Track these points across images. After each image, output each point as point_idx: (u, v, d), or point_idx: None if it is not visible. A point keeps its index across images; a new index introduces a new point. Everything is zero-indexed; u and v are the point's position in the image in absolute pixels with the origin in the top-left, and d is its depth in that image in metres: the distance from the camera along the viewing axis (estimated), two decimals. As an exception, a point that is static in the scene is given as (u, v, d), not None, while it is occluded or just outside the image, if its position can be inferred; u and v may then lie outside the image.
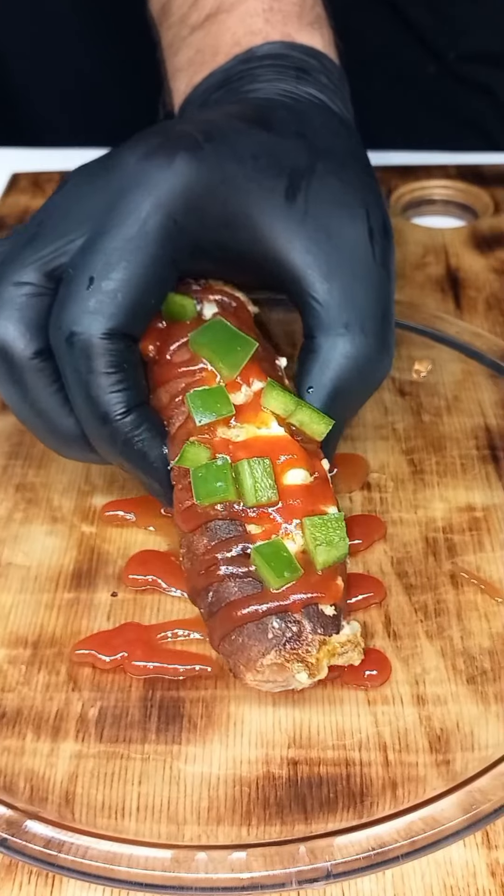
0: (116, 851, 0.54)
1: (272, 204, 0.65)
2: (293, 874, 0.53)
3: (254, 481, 0.60)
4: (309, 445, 0.63)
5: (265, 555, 0.58)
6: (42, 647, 0.64)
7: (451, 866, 0.54)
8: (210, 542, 0.60)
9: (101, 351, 0.61)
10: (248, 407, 0.63)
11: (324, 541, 0.59)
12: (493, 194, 0.99)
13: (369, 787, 0.57)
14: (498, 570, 0.67)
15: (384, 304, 0.66)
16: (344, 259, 0.65)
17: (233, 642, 0.58)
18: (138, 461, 0.64)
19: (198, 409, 0.62)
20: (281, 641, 0.57)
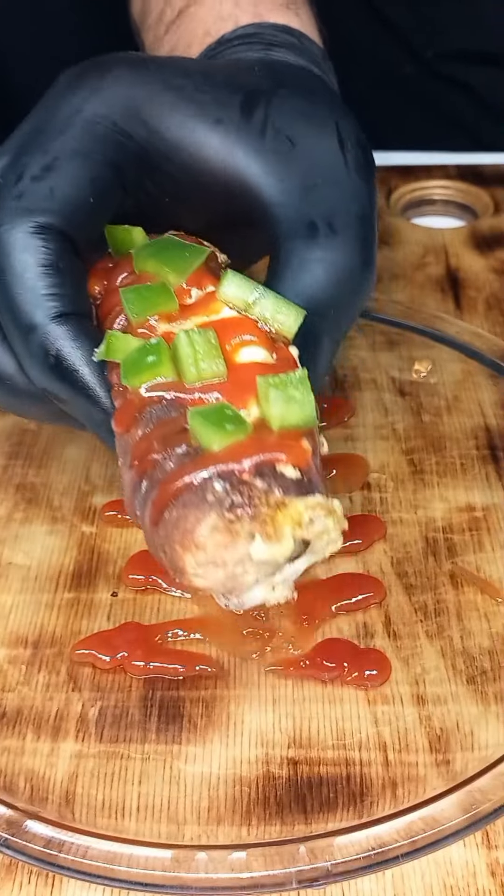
0: (116, 851, 0.54)
1: (226, 116, 0.58)
2: (293, 874, 0.53)
3: (193, 350, 0.50)
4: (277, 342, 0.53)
5: (204, 413, 0.48)
6: (42, 647, 0.64)
7: (451, 866, 0.54)
8: (144, 432, 0.51)
9: (29, 247, 0.54)
10: (196, 303, 0.54)
11: (280, 395, 0.48)
12: (493, 194, 0.99)
13: (369, 787, 0.57)
14: (498, 570, 0.67)
15: (360, 206, 0.57)
16: (308, 164, 0.57)
17: (167, 522, 0.48)
18: (76, 380, 0.54)
19: (131, 303, 0.53)
20: (223, 505, 0.47)
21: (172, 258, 0.55)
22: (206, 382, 0.50)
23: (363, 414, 0.78)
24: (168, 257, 0.55)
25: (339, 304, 0.56)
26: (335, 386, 0.80)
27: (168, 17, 0.79)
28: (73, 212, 0.55)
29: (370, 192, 0.58)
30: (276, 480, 0.47)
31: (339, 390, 0.80)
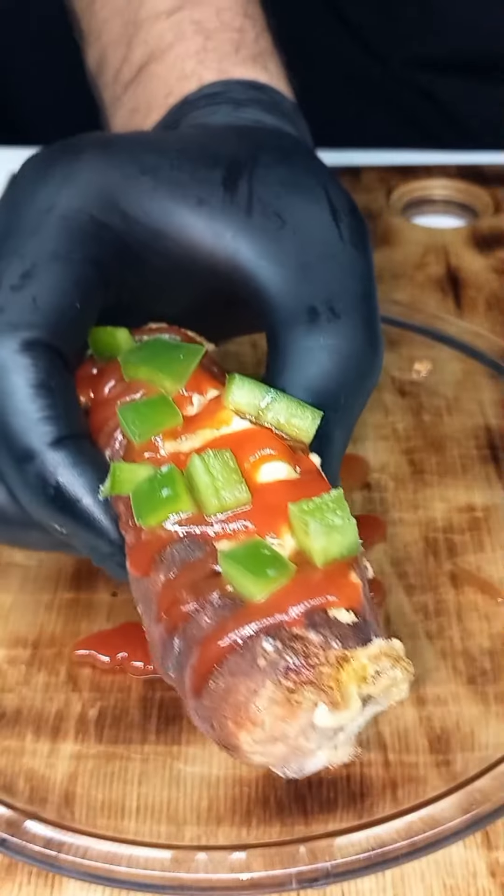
0: (116, 851, 0.54)
1: (209, 194, 0.54)
2: (293, 874, 0.53)
3: (211, 479, 0.45)
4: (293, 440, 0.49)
5: (239, 558, 0.43)
6: (42, 647, 0.64)
7: (451, 866, 0.54)
8: (167, 577, 0.45)
9: (16, 366, 0.49)
10: (202, 414, 0.49)
11: (321, 525, 0.43)
12: (493, 194, 0.99)
13: (369, 787, 0.57)
14: (498, 570, 0.67)
15: (361, 284, 0.54)
16: (302, 241, 0.53)
17: (214, 692, 0.42)
18: (78, 512, 0.50)
19: (131, 424, 0.49)
20: (278, 670, 0.41)
21: (166, 363, 0.51)
22: (229, 512, 0.45)
23: (363, 414, 0.78)
24: (161, 362, 0.51)
25: (349, 392, 0.53)
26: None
27: (126, 77, 0.72)
28: (59, 322, 0.51)
29: (368, 265, 0.55)
30: (331, 630, 0.42)
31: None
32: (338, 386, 0.52)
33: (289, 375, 0.52)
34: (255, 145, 0.57)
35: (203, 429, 0.48)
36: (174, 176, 0.54)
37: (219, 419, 0.48)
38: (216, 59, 0.68)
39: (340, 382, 0.52)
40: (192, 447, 0.48)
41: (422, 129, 1.09)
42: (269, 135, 0.60)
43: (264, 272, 0.53)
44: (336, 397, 0.52)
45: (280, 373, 0.52)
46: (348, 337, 0.52)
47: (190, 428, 0.48)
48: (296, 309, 0.52)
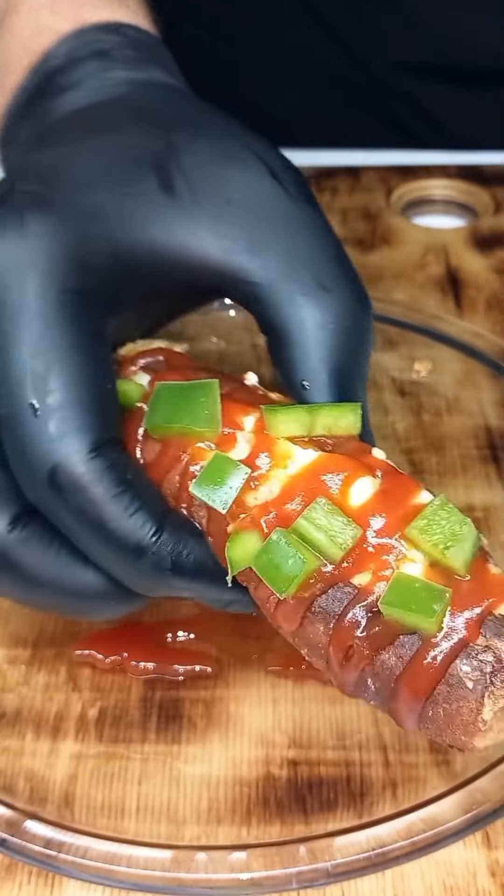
0: (116, 851, 0.54)
1: (156, 209, 0.54)
2: (293, 874, 0.53)
3: (324, 532, 0.47)
4: (348, 445, 0.51)
5: (398, 602, 0.46)
6: (42, 647, 0.64)
7: (451, 866, 0.54)
8: (328, 627, 0.48)
9: (96, 475, 0.50)
10: (259, 449, 0.51)
11: (448, 538, 0.47)
12: (493, 194, 0.99)
13: (369, 787, 0.57)
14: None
15: (327, 243, 0.55)
16: (259, 219, 0.54)
17: (434, 719, 0.47)
18: (197, 577, 0.52)
19: (211, 498, 0.50)
20: (486, 683, 0.46)
21: (191, 413, 0.52)
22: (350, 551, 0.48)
23: (363, 414, 0.78)
24: (187, 415, 0.52)
25: (356, 349, 0.55)
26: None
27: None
28: (104, 412, 0.51)
29: (322, 215, 0.56)
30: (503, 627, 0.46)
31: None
32: (351, 355, 0.54)
33: (306, 364, 0.53)
34: (164, 128, 0.56)
35: (273, 470, 0.50)
36: (116, 208, 0.54)
37: (280, 455, 0.50)
38: (71, 6, 0.65)
39: (352, 350, 0.54)
40: (273, 493, 0.50)
41: (407, 133, 1.09)
42: (165, 108, 0.59)
43: (240, 265, 0.54)
44: (353, 366, 0.54)
45: (296, 363, 0.53)
46: (344, 306, 0.54)
47: (262, 478, 0.50)
48: (289, 295, 0.53)
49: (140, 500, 0.50)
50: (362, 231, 0.95)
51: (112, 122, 0.58)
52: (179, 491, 0.52)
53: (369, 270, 0.91)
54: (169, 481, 0.52)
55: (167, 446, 0.53)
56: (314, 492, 0.49)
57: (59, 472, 0.49)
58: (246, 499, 0.50)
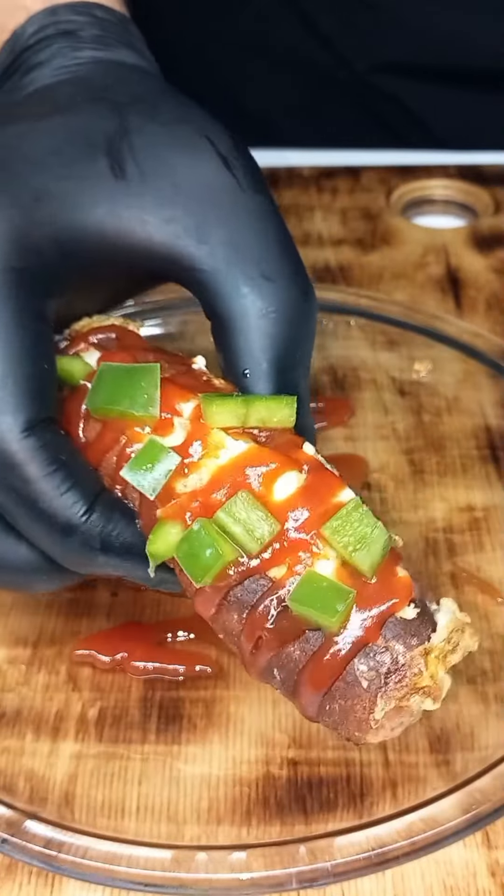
0: (116, 851, 0.54)
1: (104, 191, 0.54)
2: (293, 874, 0.53)
3: (242, 526, 0.49)
4: (281, 438, 0.53)
5: (305, 600, 0.48)
6: (42, 647, 0.64)
7: (451, 866, 0.54)
8: (241, 616, 0.49)
9: (28, 453, 0.51)
10: (193, 437, 0.52)
11: (357, 540, 0.48)
12: (493, 194, 0.99)
13: (369, 787, 0.57)
14: (498, 570, 0.67)
15: (274, 233, 0.56)
16: (207, 206, 0.55)
17: (331, 713, 0.49)
18: (126, 557, 0.53)
19: (141, 483, 0.51)
20: (380, 683, 0.47)
21: (131, 397, 0.53)
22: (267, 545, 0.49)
23: (363, 414, 0.78)
24: (126, 398, 0.53)
25: (298, 339, 0.56)
26: (335, 386, 0.80)
27: None
28: (40, 392, 0.52)
29: (273, 205, 0.57)
30: (405, 630, 0.47)
31: (338, 390, 0.80)
32: (292, 345, 0.55)
33: (247, 353, 0.54)
34: (118, 109, 0.57)
35: (204, 459, 0.51)
36: (64, 190, 0.54)
37: (213, 445, 0.51)
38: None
39: (293, 340, 0.55)
40: (202, 481, 0.51)
41: (392, 133, 1.09)
42: (124, 89, 0.59)
43: (187, 251, 0.54)
44: (294, 355, 0.55)
45: (238, 351, 0.54)
46: (287, 296, 0.55)
47: (193, 466, 0.51)
48: (233, 284, 0.54)
49: (72, 480, 0.51)
50: (362, 231, 0.95)
51: (69, 102, 0.58)
52: (115, 472, 0.53)
53: (369, 270, 0.91)
54: (107, 462, 0.53)
55: (106, 427, 0.54)
56: (239, 484, 0.50)
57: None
58: (175, 486, 0.51)
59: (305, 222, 0.96)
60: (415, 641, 0.48)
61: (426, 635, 0.48)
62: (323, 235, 0.95)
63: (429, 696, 0.49)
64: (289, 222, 0.56)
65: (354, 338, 0.84)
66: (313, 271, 0.91)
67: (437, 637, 0.48)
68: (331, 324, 0.84)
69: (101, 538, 0.52)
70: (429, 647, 0.48)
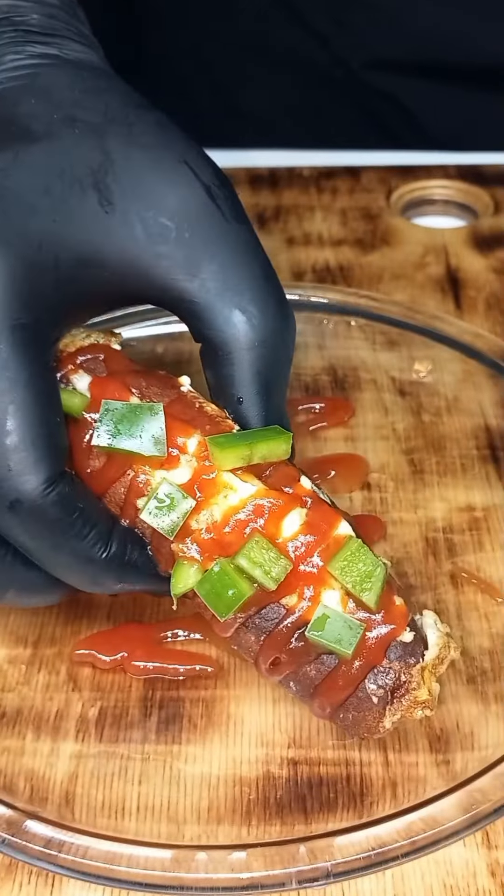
0: (116, 851, 0.54)
1: (98, 229, 0.56)
2: (293, 874, 0.53)
3: (261, 568, 0.54)
4: (280, 473, 0.57)
5: (322, 634, 0.54)
6: (42, 647, 0.64)
7: (451, 866, 0.54)
8: (258, 638, 0.55)
9: (52, 507, 0.53)
10: (201, 475, 0.56)
11: (361, 579, 0.54)
12: (493, 194, 0.99)
13: (369, 787, 0.57)
14: (498, 570, 0.67)
15: (261, 264, 0.58)
16: (196, 239, 0.56)
17: (344, 720, 0.56)
18: (141, 579, 0.57)
19: (160, 525, 0.55)
20: (387, 699, 0.55)
21: (139, 438, 0.56)
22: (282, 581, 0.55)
23: (363, 414, 0.78)
24: (133, 438, 0.56)
25: (282, 364, 0.59)
26: (335, 386, 0.80)
27: None
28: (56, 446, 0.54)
29: (254, 234, 0.58)
30: (405, 651, 0.55)
31: (339, 390, 0.80)
32: (276, 370, 0.58)
33: (240, 380, 0.57)
34: (96, 135, 0.57)
35: (213, 497, 0.55)
36: (60, 230, 0.55)
37: (222, 485, 0.55)
38: None
39: (278, 365, 0.58)
40: (213, 518, 0.55)
41: (386, 130, 1.10)
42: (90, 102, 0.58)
43: (179, 284, 0.56)
44: (279, 380, 0.59)
45: (232, 379, 0.57)
46: (274, 326, 0.57)
47: (204, 505, 0.55)
48: (225, 315, 0.57)
49: (91, 524, 0.55)
50: (362, 231, 0.95)
51: (45, 129, 0.57)
52: (125, 504, 0.57)
53: (369, 270, 0.91)
54: (114, 492, 0.57)
55: (112, 460, 0.57)
56: (251, 524, 0.55)
57: (18, 504, 0.53)
58: (189, 522, 0.55)
59: (305, 222, 0.96)
60: (413, 661, 0.55)
61: (420, 653, 0.55)
62: (323, 235, 0.95)
63: (426, 707, 0.55)
64: (289, 222, 0.56)
65: (354, 338, 0.84)
66: (313, 271, 0.91)
67: (430, 655, 0.55)
68: (331, 324, 0.84)
69: (118, 567, 0.56)
70: (424, 664, 0.55)
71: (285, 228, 0.95)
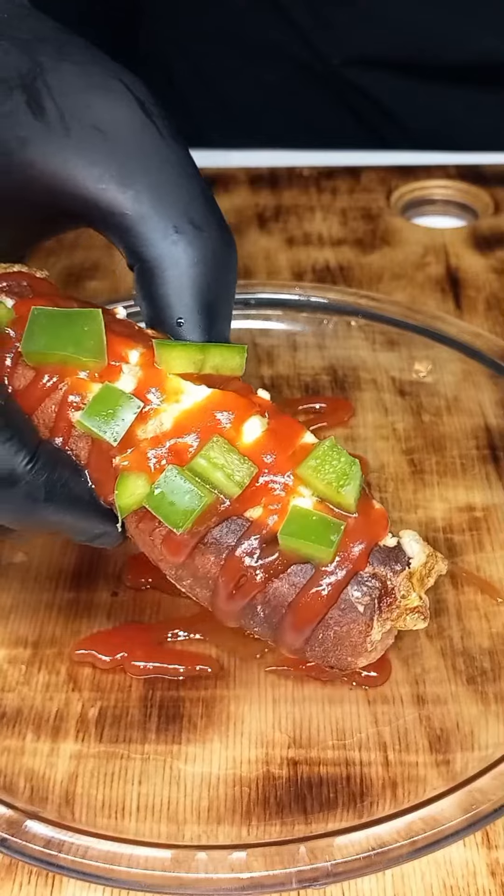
0: (116, 851, 0.54)
1: (25, 130, 0.53)
2: (293, 874, 0.53)
3: (223, 471, 0.49)
4: (233, 385, 0.53)
5: (297, 533, 0.49)
6: (42, 647, 0.64)
7: (451, 866, 0.54)
8: (219, 556, 0.50)
9: None
10: (147, 383, 0.51)
11: (338, 476, 0.49)
12: (493, 194, 0.99)
13: (369, 787, 0.57)
14: (498, 570, 0.67)
15: (197, 182, 0.55)
16: (132, 152, 0.54)
17: (323, 641, 0.51)
18: (70, 509, 0.52)
19: (102, 429, 0.50)
20: (374, 607, 0.49)
21: (76, 341, 0.51)
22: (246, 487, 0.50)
23: (363, 414, 0.78)
24: (70, 342, 0.51)
25: (224, 287, 0.56)
26: (335, 386, 0.80)
27: None
28: None
29: (188, 153, 0.56)
30: (389, 557, 0.50)
31: (339, 390, 0.80)
32: (219, 293, 0.55)
33: (181, 302, 0.54)
34: (24, 46, 0.55)
35: (164, 404, 0.50)
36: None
37: (172, 390, 0.50)
38: None
39: (221, 288, 0.55)
40: (164, 427, 0.50)
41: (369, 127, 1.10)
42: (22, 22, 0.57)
43: (112, 195, 0.53)
44: (222, 304, 0.55)
45: (170, 299, 0.54)
46: (215, 246, 0.54)
47: (153, 412, 0.50)
48: (162, 231, 0.53)
49: (12, 429, 0.50)
50: (362, 231, 0.95)
51: None
52: (56, 421, 0.51)
53: (369, 270, 0.91)
54: (43, 411, 0.52)
55: (41, 374, 0.52)
56: (208, 429, 0.50)
57: None
58: (136, 432, 0.50)
59: (305, 222, 0.96)
60: (399, 567, 0.50)
61: (406, 560, 0.51)
62: (323, 235, 0.95)
63: (417, 614, 0.51)
64: (289, 222, 0.56)
65: (354, 338, 0.84)
66: (313, 271, 0.91)
67: (417, 561, 0.51)
68: (331, 324, 0.84)
69: (45, 488, 0.51)
70: (412, 570, 0.51)
71: (285, 228, 0.95)
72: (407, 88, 1.07)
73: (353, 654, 0.51)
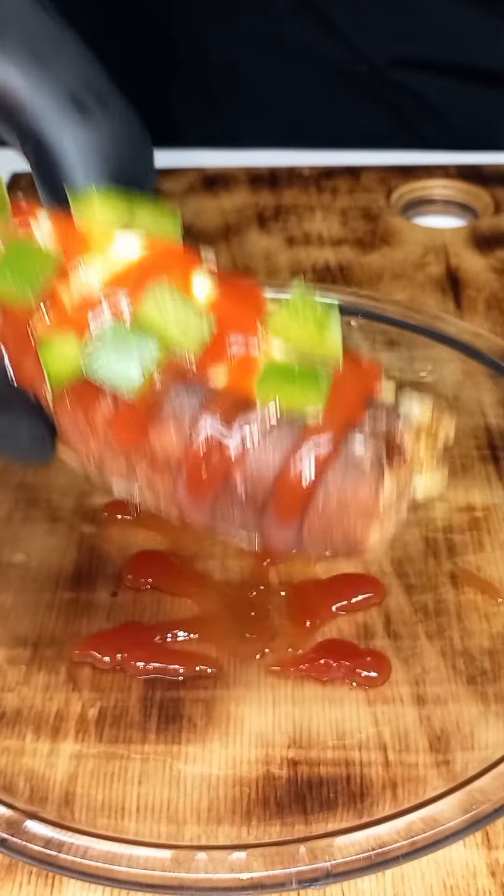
0: (116, 851, 0.54)
1: None
2: (293, 874, 0.53)
3: (176, 320, 0.40)
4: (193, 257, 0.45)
5: (278, 384, 0.41)
6: (42, 647, 0.64)
7: (451, 866, 0.54)
8: (182, 430, 0.41)
9: None
10: (65, 237, 0.43)
11: (316, 325, 0.42)
12: (493, 194, 0.99)
13: (369, 787, 0.57)
14: (498, 570, 0.67)
15: (94, 59, 0.50)
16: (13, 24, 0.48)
17: (323, 514, 0.42)
18: None
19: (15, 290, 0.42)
20: (382, 457, 0.41)
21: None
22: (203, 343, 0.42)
23: (363, 414, 0.78)
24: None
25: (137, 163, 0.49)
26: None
27: None
28: None
29: (79, 38, 0.51)
30: (388, 409, 0.43)
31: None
32: (133, 170, 0.48)
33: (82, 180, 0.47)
34: None
35: (91, 257, 0.43)
36: None
37: (97, 242, 0.43)
38: None
39: (134, 165, 0.48)
40: (93, 285, 0.42)
41: (411, 128, 1.10)
42: None
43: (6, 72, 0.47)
44: (133, 184, 0.48)
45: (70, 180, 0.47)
46: (122, 131, 0.48)
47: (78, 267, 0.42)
48: (59, 109, 0.47)
49: None
50: (362, 231, 0.95)
51: None
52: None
53: (369, 270, 0.91)
54: None
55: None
56: (147, 284, 0.41)
57: None
58: (58, 294, 0.42)
59: (305, 222, 0.96)
60: (401, 422, 0.43)
61: (405, 412, 0.44)
62: (323, 235, 0.95)
63: (431, 468, 0.44)
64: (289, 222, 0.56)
65: (354, 338, 0.84)
66: (313, 271, 0.91)
67: (421, 415, 0.44)
68: (331, 324, 0.84)
69: None
70: (419, 424, 0.44)
71: (285, 228, 0.95)
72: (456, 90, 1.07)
73: (367, 523, 0.42)
